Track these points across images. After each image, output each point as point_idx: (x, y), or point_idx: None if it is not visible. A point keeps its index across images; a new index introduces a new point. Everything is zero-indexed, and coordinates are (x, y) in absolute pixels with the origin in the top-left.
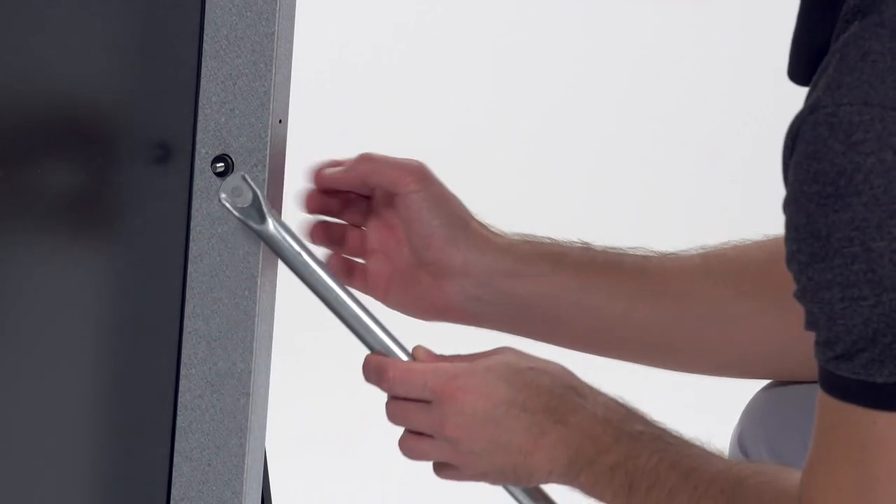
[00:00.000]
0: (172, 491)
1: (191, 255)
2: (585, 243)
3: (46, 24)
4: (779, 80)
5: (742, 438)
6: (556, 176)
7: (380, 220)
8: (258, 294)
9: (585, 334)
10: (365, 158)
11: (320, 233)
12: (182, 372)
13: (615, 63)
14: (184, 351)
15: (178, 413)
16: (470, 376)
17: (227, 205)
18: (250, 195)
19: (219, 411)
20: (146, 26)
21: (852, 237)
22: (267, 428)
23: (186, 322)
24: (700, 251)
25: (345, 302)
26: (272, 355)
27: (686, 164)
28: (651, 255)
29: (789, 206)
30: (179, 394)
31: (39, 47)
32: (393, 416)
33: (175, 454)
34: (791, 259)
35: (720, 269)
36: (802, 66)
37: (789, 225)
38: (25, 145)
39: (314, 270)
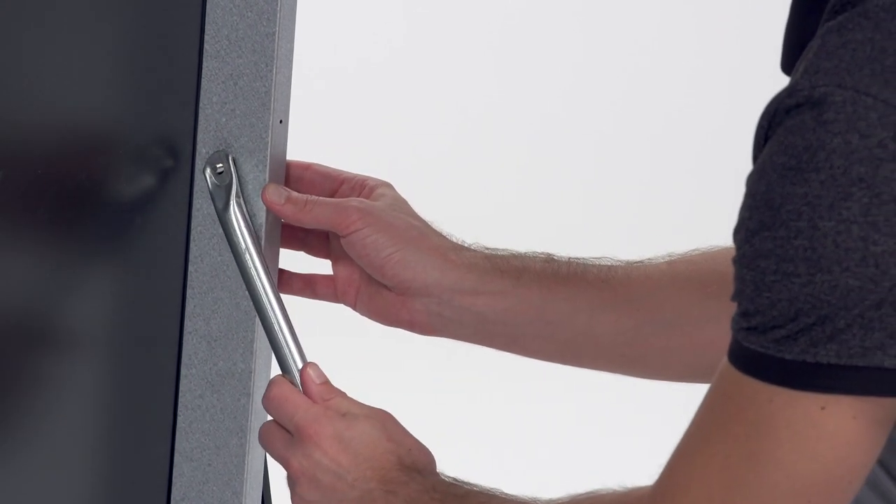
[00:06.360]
0: (173, 491)
1: (191, 255)
2: (548, 255)
3: (47, 25)
4: (777, 85)
5: None
6: (555, 177)
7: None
8: None
9: (550, 347)
10: (307, 203)
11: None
12: (182, 372)
13: (615, 65)
14: (184, 351)
15: (179, 413)
16: (330, 425)
17: (207, 176)
18: (228, 179)
19: (219, 411)
20: (147, 26)
21: (802, 212)
22: None
23: (187, 322)
24: (667, 258)
25: (268, 307)
26: (272, 355)
27: (684, 168)
28: (617, 264)
29: (752, 175)
30: (180, 394)
31: (40, 47)
32: (260, 436)
33: (175, 454)
34: (740, 227)
35: (686, 272)
36: (793, 59)
37: (748, 193)
38: (26, 146)
39: (253, 270)
